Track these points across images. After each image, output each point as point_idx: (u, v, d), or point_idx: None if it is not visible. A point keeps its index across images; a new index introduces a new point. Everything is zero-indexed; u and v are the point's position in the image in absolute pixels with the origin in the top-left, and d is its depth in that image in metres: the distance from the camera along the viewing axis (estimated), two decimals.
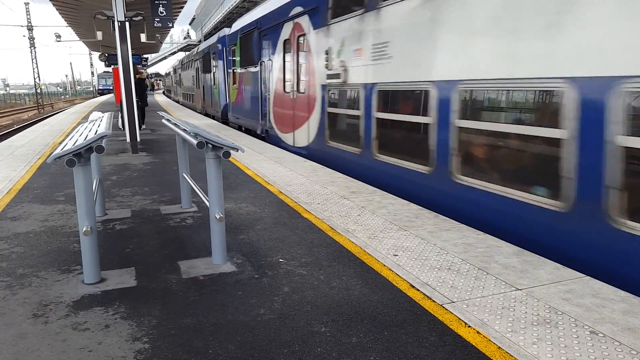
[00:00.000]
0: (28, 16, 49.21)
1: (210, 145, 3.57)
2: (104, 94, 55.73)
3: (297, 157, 8.91)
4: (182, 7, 18.17)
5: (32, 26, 48.82)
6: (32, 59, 49.58)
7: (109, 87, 50.93)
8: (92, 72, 74.48)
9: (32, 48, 49.39)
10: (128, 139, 10.27)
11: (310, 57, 8.65)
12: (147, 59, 41.33)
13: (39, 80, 50.09)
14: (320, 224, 4.68)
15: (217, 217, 3.64)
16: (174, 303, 3.06)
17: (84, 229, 3.30)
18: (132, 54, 10.82)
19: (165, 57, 73.05)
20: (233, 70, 15.46)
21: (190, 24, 67.63)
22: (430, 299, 3.05)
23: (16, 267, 3.70)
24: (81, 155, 3.23)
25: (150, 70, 74.76)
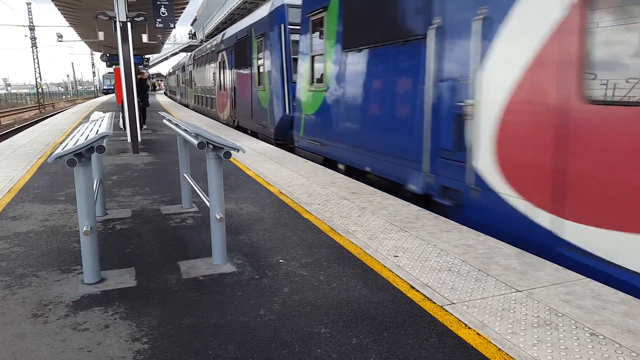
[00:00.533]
0: (30, 16, 49.30)
1: (211, 146, 3.57)
2: (108, 93, 56.37)
3: (298, 157, 8.85)
4: (183, 8, 18.18)
5: (34, 26, 48.92)
6: (34, 59, 49.69)
7: (113, 87, 51.36)
8: (94, 72, 74.71)
9: (34, 48, 49.49)
10: (129, 139, 10.27)
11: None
12: (148, 59, 41.35)
13: (41, 80, 50.17)
14: (321, 224, 4.67)
15: (218, 217, 3.64)
16: (173, 303, 3.06)
17: (84, 229, 3.30)
18: (134, 55, 10.83)
19: (166, 58, 73.14)
20: (313, 58, 8.70)
21: (191, 24, 67.72)
22: (431, 300, 3.05)
23: (16, 266, 3.70)
24: (82, 155, 3.23)
25: (152, 70, 74.90)
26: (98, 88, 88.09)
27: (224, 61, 17.04)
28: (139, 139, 10.29)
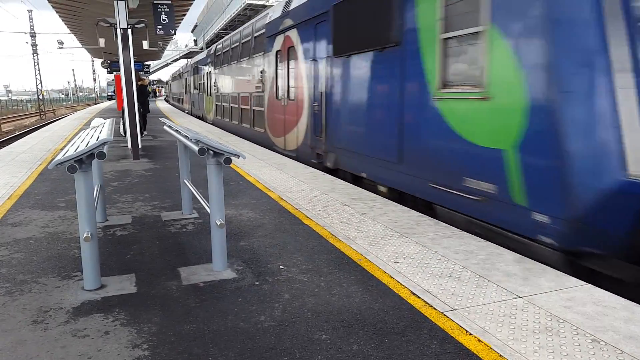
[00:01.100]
0: (31, 23, 49.51)
1: (211, 152, 3.58)
2: (112, 99, 56.72)
3: (298, 163, 8.88)
4: (184, 15, 18.25)
5: (34, 33, 49.08)
6: (35, 66, 49.84)
7: None
8: (94, 79, 74.94)
9: (35, 55, 49.65)
10: (129, 145, 10.28)
11: None
12: (149, 65, 41.43)
13: (41, 86, 50.31)
14: (321, 230, 4.67)
15: (218, 223, 3.64)
16: (174, 310, 3.05)
17: (84, 235, 3.30)
18: (134, 61, 10.87)
19: (167, 64, 73.38)
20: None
21: (192, 31, 67.99)
22: (432, 306, 3.04)
23: (16, 273, 3.69)
24: (82, 161, 3.24)
25: (152, 77, 75.12)
26: (99, 94, 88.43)
27: (291, 48, 9.98)
28: (140, 145, 10.31)
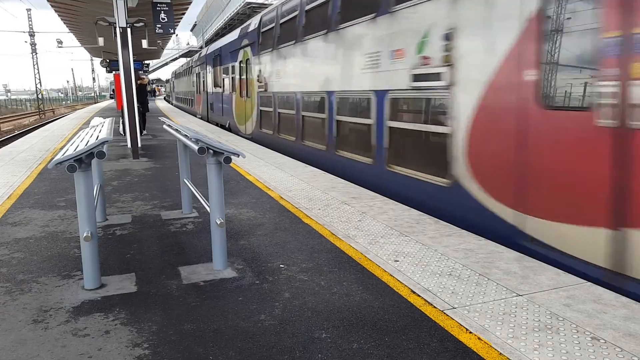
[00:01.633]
0: (30, 22, 49.45)
1: (211, 151, 3.58)
2: (114, 98, 56.90)
3: (298, 162, 8.84)
4: (183, 14, 18.22)
5: (33, 32, 49.06)
6: (34, 65, 49.80)
7: None
8: (94, 78, 74.95)
9: (34, 54, 49.60)
10: (129, 145, 10.28)
11: None
12: (148, 65, 41.36)
13: (41, 86, 50.27)
14: (321, 229, 4.67)
15: (218, 222, 3.64)
16: (174, 309, 3.06)
17: (84, 235, 3.30)
18: (134, 60, 10.85)
19: (166, 64, 73.33)
20: None
21: (191, 30, 67.94)
22: (431, 304, 3.05)
23: (16, 272, 3.69)
24: (82, 160, 3.24)
25: (152, 76, 75.07)
26: (99, 94, 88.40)
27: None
28: (139, 145, 10.30)
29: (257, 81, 12.28)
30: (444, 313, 2.93)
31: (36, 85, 50.25)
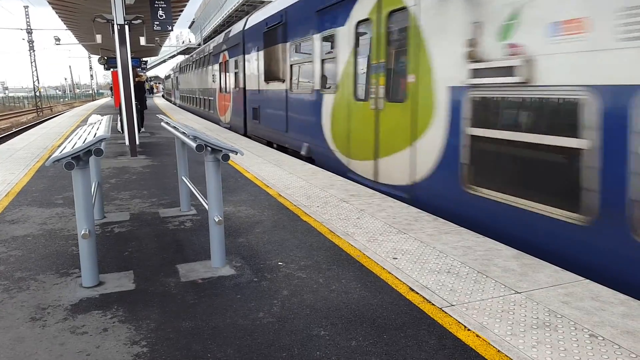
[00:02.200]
0: (27, 19, 49.26)
1: (209, 148, 3.57)
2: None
3: (296, 160, 8.86)
4: (181, 11, 18.19)
5: (31, 29, 48.85)
6: (31, 62, 49.63)
7: None
8: (92, 76, 74.75)
9: (31, 51, 49.44)
10: (127, 142, 10.26)
11: None
12: (146, 62, 41.25)
13: (38, 83, 50.13)
14: (320, 227, 4.67)
15: (216, 220, 3.63)
16: (172, 306, 3.05)
17: (82, 232, 3.29)
18: (132, 57, 10.83)
19: (164, 61, 73.18)
20: None
21: (189, 27, 67.80)
22: (430, 302, 3.05)
23: (14, 270, 3.68)
24: (80, 158, 3.23)
25: (150, 73, 74.90)
26: (96, 91, 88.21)
27: None
28: (137, 142, 10.28)
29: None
30: (443, 310, 2.93)
31: (34, 82, 50.10)
